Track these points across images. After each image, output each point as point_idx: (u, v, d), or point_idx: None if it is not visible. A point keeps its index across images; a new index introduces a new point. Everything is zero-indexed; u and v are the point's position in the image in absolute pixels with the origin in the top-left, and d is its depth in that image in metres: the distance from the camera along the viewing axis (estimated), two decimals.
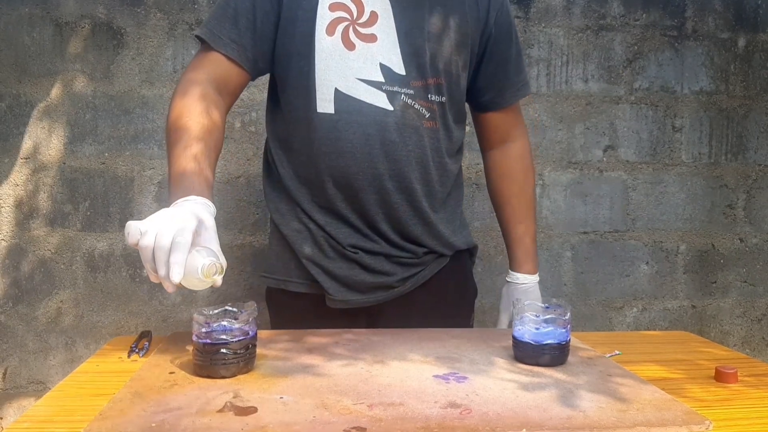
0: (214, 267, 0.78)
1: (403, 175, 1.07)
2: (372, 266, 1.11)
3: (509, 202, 1.26)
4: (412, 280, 1.14)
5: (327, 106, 1.04)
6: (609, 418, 0.68)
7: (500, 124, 1.24)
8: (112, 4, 1.74)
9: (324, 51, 1.03)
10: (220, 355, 0.79)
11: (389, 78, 1.04)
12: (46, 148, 1.76)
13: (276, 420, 0.66)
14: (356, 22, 1.04)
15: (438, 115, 1.10)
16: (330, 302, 1.12)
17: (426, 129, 1.08)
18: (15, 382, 1.81)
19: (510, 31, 1.16)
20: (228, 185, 1.81)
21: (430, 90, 1.07)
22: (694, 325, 2.01)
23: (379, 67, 1.04)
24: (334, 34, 1.03)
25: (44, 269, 1.78)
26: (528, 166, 1.27)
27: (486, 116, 1.23)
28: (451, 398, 0.73)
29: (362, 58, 1.03)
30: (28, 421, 0.69)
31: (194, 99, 0.99)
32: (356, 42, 1.03)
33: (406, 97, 1.05)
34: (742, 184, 1.99)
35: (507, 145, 1.25)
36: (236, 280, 1.83)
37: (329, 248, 1.11)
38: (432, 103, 1.08)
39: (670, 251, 1.98)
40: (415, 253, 1.14)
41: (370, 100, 1.04)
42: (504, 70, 1.18)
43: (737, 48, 1.95)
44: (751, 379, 0.87)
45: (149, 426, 0.64)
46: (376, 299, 1.13)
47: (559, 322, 0.86)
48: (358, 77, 1.04)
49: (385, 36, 1.04)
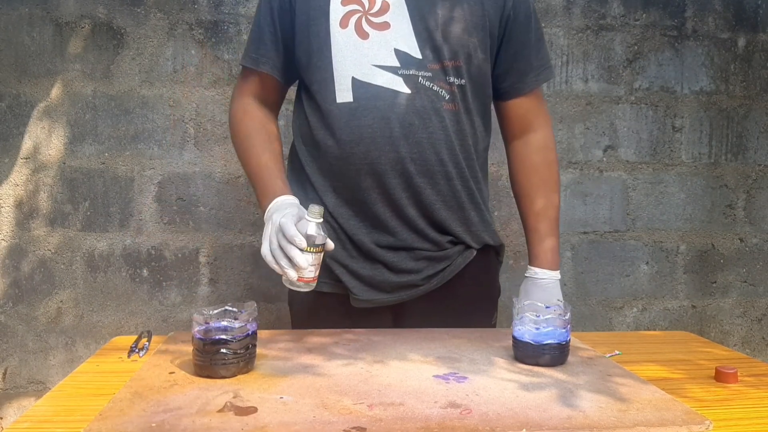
0: (315, 207, 0.95)
1: (425, 158, 1.08)
2: (396, 265, 1.11)
3: (529, 195, 1.23)
4: (437, 277, 1.13)
5: (346, 96, 1.07)
6: (609, 418, 0.68)
7: (522, 112, 1.21)
8: (112, 4, 1.74)
9: (339, 43, 1.07)
10: (220, 355, 0.79)
11: (405, 62, 1.06)
12: (46, 148, 1.76)
13: (276, 420, 0.66)
14: (368, 13, 1.07)
15: (459, 97, 1.10)
16: (354, 302, 1.12)
17: (447, 111, 1.09)
18: (15, 382, 1.81)
19: (529, 14, 1.16)
20: (228, 185, 1.81)
21: (448, 72, 1.08)
22: (694, 325, 2.00)
23: (394, 53, 1.06)
24: (348, 26, 1.06)
25: (44, 269, 1.78)
26: (550, 158, 1.23)
27: (508, 104, 1.21)
28: (451, 398, 0.73)
29: (376, 46, 1.06)
30: (28, 421, 0.69)
31: (250, 122, 1.17)
32: (369, 31, 1.06)
33: (424, 80, 1.07)
34: (742, 184, 1.99)
35: (529, 136, 1.22)
36: (236, 280, 1.83)
37: (353, 248, 1.12)
38: (452, 85, 1.09)
39: (670, 251, 1.98)
40: (439, 244, 1.13)
41: (386, 85, 1.06)
42: (524, 55, 1.17)
43: (737, 48, 1.95)
44: (751, 379, 0.87)
45: (149, 426, 0.64)
46: (400, 298, 1.13)
47: (559, 322, 0.86)
48: (373, 64, 1.06)
49: (399, 22, 1.07)
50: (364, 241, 1.11)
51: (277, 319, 1.85)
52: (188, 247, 1.81)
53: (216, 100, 1.79)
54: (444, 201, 1.11)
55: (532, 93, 1.21)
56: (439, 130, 1.08)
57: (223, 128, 1.79)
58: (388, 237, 1.11)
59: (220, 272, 1.83)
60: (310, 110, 1.12)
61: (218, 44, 1.77)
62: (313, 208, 0.95)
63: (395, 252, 1.11)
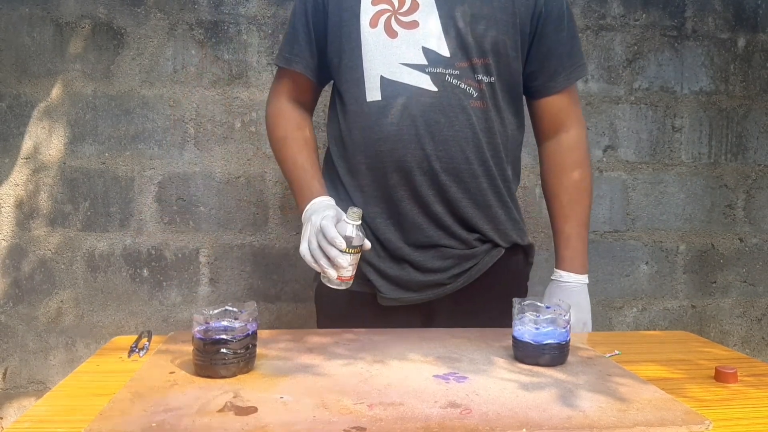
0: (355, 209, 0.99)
1: (450, 155, 1.09)
2: (423, 264, 1.12)
3: (558, 197, 1.22)
4: (464, 276, 1.13)
5: (375, 94, 1.08)
6: (609, 417, 0.68)
7: (554, 111, 1.20)
8: (112, 4, 1.74)
9: (369, 43, 1.08)
10: (220, 355, 0.79)
11: (433, 60, 1.07)
12: (46, 148, 1.76)
13: (276, 420, 0.66)
14: (398, 12, 1.08)
15: (488, 95, 1.10)
16: (381, 300, 1.13)
17: (474, 109, 1.09)
18: (15, 382, 1.81)
19: (562, 12, 1.15)
20: (228, 185, 1.81)
21: (477, 70, 1.09)
22: (693, 325, 2.01)
23: (422, 51, 1.07)
24: (377, 26, 1.08)
25: (44, 269, 1.78)
26: (581, 158, 1.22)
27: (540, 103, 1.20)
28: (451, 398, 0.73)
29: (405, 44, 1.07)
30: (29, 421, 0.69)
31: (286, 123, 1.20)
32: (398, 30, 1.08)
33: (451, 78, 1.08)
34: (741, 184, 1.99)
35: (560, 136, 1.21)
36: (236, 280, 1.83)
37: (380, 248, 1.12)
38: (480, 83, 1.09)
39: (670, 251, 1.98)
40: (467, 242, 1.13)
41: (413, 83, 1.07)
42: (556, 53, 1.16)
43: (737, 48, 1.95)
44: (751, 379, 0.87)
45: (149, 426, 0.64)
46: (427, 297, 1.14)
47: (559, 322, 0.87)
48: (401, 62, 1.07)
49: (428, 20, 1.08)
50: (392, 240, 1.12)
51: (277, 319, 1.85)
52: (188, 247, 1.81)
53: (216, 100, 1.79)
54: (470, 199, 1.12)
55: (565, 91, 1.19)
56: (466, 128, 1.09)
57: (223, 128, 1.80)
58: (416, 235, 1.11)
59: (220, 272, 1.83)
60: (342, 110, 1.14)
61: (218, 44, 1.77)
62: (353, 210, 1.00)
63: (423, 250, 1.12)
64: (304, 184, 1.13)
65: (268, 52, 1.79)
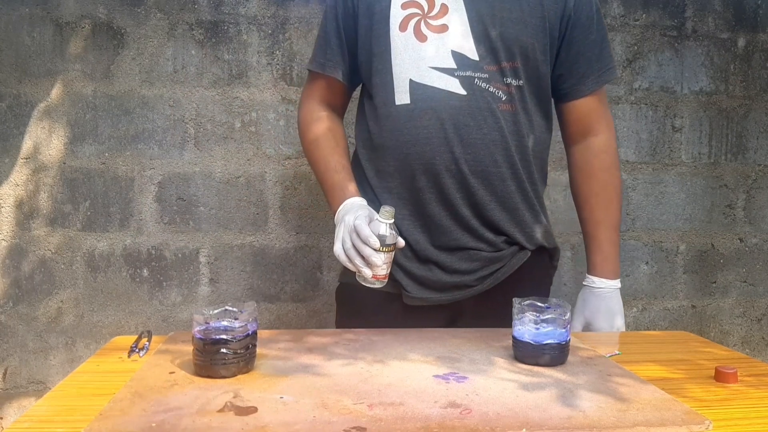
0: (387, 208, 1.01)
1: (478, 159, 1.09)
2: (450, 266, 1.12)
3: (588, 201, 1.22)
4: (491, 278, 1.13)
5: (404, 98, 1.09)
6: (609, 417, 0.68)
7: (582, 115, 1.20)
8: (112, 4, 1.74)
9: (398, 47, 1.09)
10: (220, 355, 0.79)
11: (462, 64, 1.08)
12: (46, 148, 1.76)
13: (276, 420, 0.66)
14: (427, 16, 1.09)
15: (516, 98, 1.11)
16: (407, 299, 1.13)
17: (503, 112, 1.10)
18: (15, 382, 1.81)
19: (591, 15, 1.16)
20: (228, 185, 1.81)
21: (506, 73, 1.09)
22: (693, 325, 2.01)
23: (451, 55, 1.08)
24: (407, 30, 1.09)
25: (44, 269, 1.78)
26: (610, 162, 1.21)
27: (568, 106, 1.21)
28: (451, 398, 0.73)
29: (434, 48, 1.08)
30: (29, 421, 0.69)
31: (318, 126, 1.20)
32: (428, 33, 1.08)
33: (480, 81, 1.08)
34: (741, 184, 1.99)
35: (589, 140, 1.21)
36: (236, 280, 1.83)
37: (408, 248, 1.12)
38: (509, 86, 1.10)
39: (670, 251, 1.98)
40: (494, 244, 1.13)
41: (442, 86, 1.08)
42: (585, 56, 1.16)
43: (737, 48, 1.95)
44: (751, 379, 0.87)
45: (149, 426, 0.64)
46: (453, 297, 1.14)
47: (559, 322, 0.86)
48: (430, 66, 1.08)
49: (457, 24, 1.08)
50: (419, 241, 1.12)
51: (277, 319, 1.85)
52: (188, 247, 1.81)
53: (216, 100, 1.79)
54: (498, 201, 1.12)
55: (593, 95, 1.19)
56: (494, 131, 1.09)
57: (223, 128, 1.80)
58: (443, 237, 1.12)
59: (220, 272, 1.83)
60: (371, 113, 1.15)
61: (218, 44, 1.77)
62: (385, 209, 1.02)
63: (450, 252, 1.12)
64: (337, 186, 1.13)
65: (268, 52, 1.79)
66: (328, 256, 1.85)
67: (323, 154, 1.18)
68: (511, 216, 1.13)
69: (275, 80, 1.80)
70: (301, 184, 1.83)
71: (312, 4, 1.79)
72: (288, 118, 1.81)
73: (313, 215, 1.84)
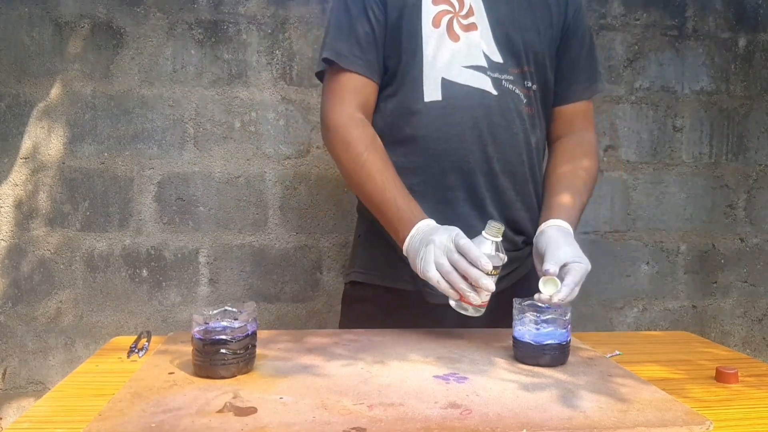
0: (495, 225, 0.91)
1: (507, 159, 1.10)
2: None
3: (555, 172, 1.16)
4: (509, 277, 1.13)
5: (434, 95, 1.08)
6: (609, 418, 0.68)
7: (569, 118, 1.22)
8: (112, 4, 1.74)
9: (430, 43, 1.07)
10: (220, 356, 0.78)
11: (490, 65, 1.09)
12: (45, 148, 1.76)
13: (276, 420, 0.66)
14: (458, 14, 1.09)
15: (533, 101, 1.13)
16: (431, 298, 1.09)
17: (526, 114, 1.12)
18: (15, 382, 1.81)
19: (585, 29, 1.20)
20: (228, 185, 1.81)
21: (526, 77, 1.12)
22: (694, 326, 2.00)
23: (482, 54, 1.09)
24: (440, 26, 1.08)
25: (44, 269, 1.78)
26: (591, 151, 1.19)
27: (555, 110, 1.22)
28: (451, 398, 0.73)
29: (466, 47, 1.08)
30: (28, 421, 0.69)
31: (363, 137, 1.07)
32: (459, 33, 1.08)
33: (507, 83, 1.10)
34: (742, 184, 1.99)
35: (573, 134, 1.21)
36: (236, 280, 1.83)
37: None
38: (528, 89, 1.12)
39: (671, 251, 1.98)
40: (514, 244, 1.14)
41: (476, 85, 1.08)
42: (577, 66, 1.20)
43: (738, 48, 1.95)
44: (752, 380, 0.87)
45: (149, 426, 0.64)
46: None
47: (559, 322, 0.86)
48: (463, 65, 1.08)
49: (482, 26, 1.09)
50: None
51: (277, 319, 1.85)
52: (188, 247, 1.81)
53: (216, 100, 1.78)
54: (522, 201, 1.13)
55: (581, 103, 1.22)
56: (521, 132, 1.11)
57: (222, 128, 1.79)
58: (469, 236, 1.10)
59: (220, 272, 1.83)
60: (393, 110, 1.12)
61: (218, 44, 1.77)
62: (493, 224, 0.90)
63: None
64: (402, 207, 1.02)
65: (267, 52, 1.79)
66: (328, 257, 1.85)
67: (377, 169, 1.04)
68: (530, 216, 1.15)
69: (275, 80, 1.79)
70: (301, 184, 1.83)
71: (312, 4, 1.79)
72: (288, 117, 1.81)
73: (313, 215, 1.84)
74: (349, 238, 1.83)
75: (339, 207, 1.84)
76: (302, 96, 1.81)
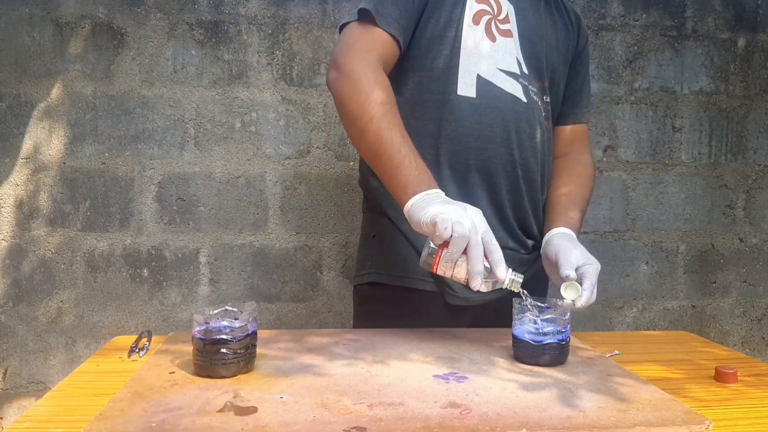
0: None
1: (529, 166, 1.13)
2: None
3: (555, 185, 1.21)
4: None
5: (468, 90, 1.08)
6: (609, 417, 0.68)
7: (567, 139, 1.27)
8: (112, 4, 1.74)
9: (469, 38, 1.07)
10: (220, 355, 0.79)
11: (521, 73, 1.12)
12: (46, 148, 1.76)
13: (276, 420, 0.66)
14: (497, 18, 1.10)
15: (549, 116, 1.19)
16: (451, 299, 1.10)
17: (545, 127, 1.16)
18: (15, 382, 1.81)
19: (588, 55, 1.28)
20: (228, 185, 1.81)
21: (545, 92, 1.16)
22: (694, 325, 2.00)
23: (516, 61, 1.11)
24: (479, 24, 1.08)
25: (44, 269, 1.78)
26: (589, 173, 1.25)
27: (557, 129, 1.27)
28: (451, 398, 0.73)
29: (502, 51, 1.10)
30: (28, 421, 0.69)
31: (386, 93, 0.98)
32: (497, 35, 1.10)
33: (533, 94, 1.13)
34: (741, 184, 1.99)
35: (572, 154, 1.27)
36: (236, 280, 1.83)
37: None
38: (547, 103, 1.16)
39: (670, 251, 1.98)
40: (526, 247, 1.16)
41: (508, 89, 1.09)
42: (579, 90, 1.27)
43: (737, 48, 1.95)
44: (751, 379, 0.87)
45: (149, 426, 0.64)
46: (489, 298, 1.11)
47: (559, 321, 0.87)
48: (498, 67, 1.09)
49: (515, 35, 1.12)
50: None
51: (277, 319, 1.85)
52: (188, 247, 1.81)
53: (216, 100, 1.79)
54: (533, 208, 1.16)
55: (580, 126, 1.28)
56: (541, 142, 1.14)
57: (223, 128, 1.79)
58: None
59: (220, 272, 1.83)
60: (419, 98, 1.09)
61: (218, 44, 1.77)
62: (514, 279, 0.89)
63: None
64: (420, 162, 0.95)
65: (267, 52, 1.79)
66: (328, 257, 1.85)
67: (397, 121, 0.96)
68: (537, 222, 1.18)
69: (275, 80, 1.79)
70: (301, 184, 1.83)
71: (312, 4, 1.79)
72: (288, 118, 1.81)
73: (313, 215, 1.84)
74: (350, 238, 1.83)
75: (339, 207, 1.84)
76: (302, 96, 1.81)
